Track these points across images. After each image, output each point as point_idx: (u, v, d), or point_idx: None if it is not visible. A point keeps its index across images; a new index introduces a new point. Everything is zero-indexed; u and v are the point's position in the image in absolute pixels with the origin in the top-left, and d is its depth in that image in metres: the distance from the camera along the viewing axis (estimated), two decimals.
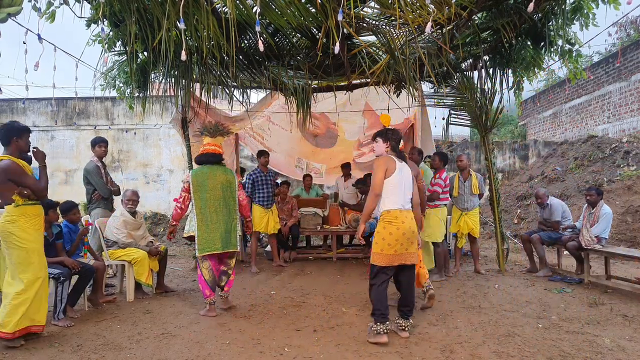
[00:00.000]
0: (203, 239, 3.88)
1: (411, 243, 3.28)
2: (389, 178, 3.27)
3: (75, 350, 3.10)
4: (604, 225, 4.96)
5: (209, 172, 3.96)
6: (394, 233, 3.21)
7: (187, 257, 7.36)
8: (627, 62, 10.81)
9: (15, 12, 2.83)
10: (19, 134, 3.26)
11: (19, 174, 3.16)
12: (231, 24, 3.21)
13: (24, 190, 3.17)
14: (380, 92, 6.28)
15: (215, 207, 3.93)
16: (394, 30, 4.21)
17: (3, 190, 3.16)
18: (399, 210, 3.26)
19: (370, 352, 3.02)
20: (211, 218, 3.91)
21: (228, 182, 4.01)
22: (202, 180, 3.93)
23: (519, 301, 4.31)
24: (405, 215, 3.28)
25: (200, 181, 3.93)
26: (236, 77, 5.26)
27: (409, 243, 3.26)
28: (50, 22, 3.49)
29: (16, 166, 3.17)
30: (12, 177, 3.14)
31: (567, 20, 4.24)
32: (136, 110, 5.67)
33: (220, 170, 4.01)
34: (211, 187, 3.93)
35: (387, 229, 3.23)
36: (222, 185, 3.97)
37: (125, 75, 5.21)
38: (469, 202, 5.58)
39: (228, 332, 3.47)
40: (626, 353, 2.99)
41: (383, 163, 3.30)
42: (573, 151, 10.96)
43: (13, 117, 11.11)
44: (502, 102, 5.70)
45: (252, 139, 8.03)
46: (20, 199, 3.18)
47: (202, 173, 3.95)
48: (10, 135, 3.24)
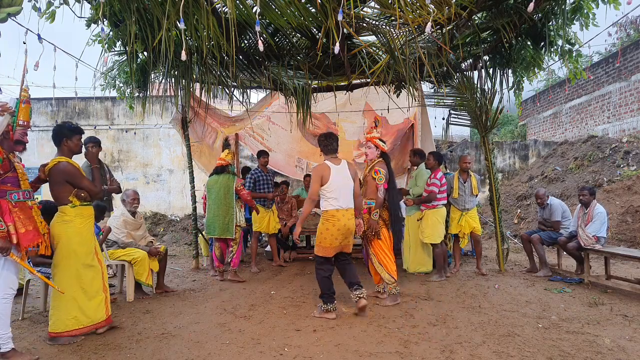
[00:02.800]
0: (208, 225, 5.36)
1: (346, 237, 3.80)
2: (326, 185, 3.74)
3: (75, 350, 3.10)
4: (598, 224, 4.96)
5: (216, 179, 5.35)
6: (330, 229, 3.72)
7: (187, 257, 7.36)
8: (627, 62, 10.81)
9: (15, 12, 2.83)
10: (69, 135, 3.31)
11: (75, 176, 3.24)
12: (231, 24, 3.20)
13: (81, 193, 3.27)
14: (380, 92, 6.28)
15: (218, 204, 5.26)
16: (394, 30, 4.21)
17: (60, 192, 3.24)
18: (336, 210, 3.75)
19: (370, 352, 3.02)
20: (214, 212, 5.27)
21: (227, 186, 5.27)
22: (212, 185, 5.36)
23: (519, 301, 4.31)
24: (343, 214, 3.75)
25: (211, 185, 5.37)
26: (236, 77, 5.27)
27: (343, 237, 3.78)
28: (50, 22, 3.49)
29: (73, 168, 3.24)
30: (69, 179, 3.22)
31: (567, 20, 4.23)
32: (136, 110, 5.68)
33: (224, 177, 5.30)
34: (216, 190, 5.29)
35: (325, 225, 3.75)
36: (223, 189, 5.26)
37: (125, 75, 5.22)
38: (470, 202, 5.57)
39: (228, 332, 3.47)
40: (626, 353, 2.99)
41: (317, 173, 3.77)
42: (573, 151, 10.95)
43: None
44: (502, 102, 5.69)
45: (252, 139, 8.04)
46: (77, 201, 3.27)
47: (212, 179, 5.40)
48: (60, 137, 3.30)
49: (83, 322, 3.28)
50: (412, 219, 5.55)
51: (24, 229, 2.85)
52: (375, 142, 4.29)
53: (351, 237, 3.87)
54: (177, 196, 10.86)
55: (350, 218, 3.79)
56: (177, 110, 6.03)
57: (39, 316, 3.94)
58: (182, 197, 10.75)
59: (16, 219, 2.82)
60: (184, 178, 9.81)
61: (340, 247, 3.81)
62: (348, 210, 3.79)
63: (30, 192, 3.03)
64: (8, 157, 2.90)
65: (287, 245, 6.75)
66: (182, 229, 9.96)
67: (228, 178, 5.26)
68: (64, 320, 3.21)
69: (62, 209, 3.27)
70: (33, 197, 3.05)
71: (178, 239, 9.46)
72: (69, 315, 3.23)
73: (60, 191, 3.24)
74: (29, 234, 2.87)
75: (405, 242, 5.77)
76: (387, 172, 4.17)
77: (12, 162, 2.93)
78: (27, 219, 2.89)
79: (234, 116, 7.06)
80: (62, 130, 3.31)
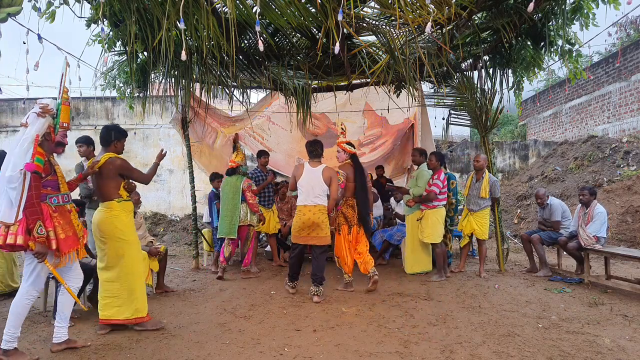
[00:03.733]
0: (219, 225, 5.54)
1: (312, 230, 4.34)
2: (297, 182, 4.44)
3: (75, 350, 3.09)
4: (598, 224, 4.96)
5: (227, 180, 5.55)
6: (297, 221, 4.41)
7: (187, 257, 7.36)
8: (627, 62, 10.81)
9: (15, 12, 2.83)
10: (119, 137, 3.48)
11: (128, 169, 3.45)
12: (231, 24, 3.20)
13: (132, 183, 3.52)
14: (380, 92, 6.28)
15: (226, 205, 5.45)
16: (394, 30, 4.21)
17: (110, 187, 3.36)
18: (303, 205, 4.39)
19: (370, 352, 3.02)
20: (224, 212, 5.47)
21: (236, 187, 5.45)
22: (224, 186, 5.58)
23: (519, 301, 4.31)
24: (309, 209, 4.35)
25: (223, 187, 5.61)
26: (236, 77, 5.27)
27: (309, 230, 4.35)
28: (50, 22, 3.49)
29: (126, 162, 3.45)
30: (122, 171, 3.40)
31: (567, 20, 4.23)
32: (136, 110, 5.68)
33: (233, 179, 5.48)
34: (226, 191, 5.48)
35: (295, 217, 4.46)
36: (232, 190, 5.45)
37: (125, 75, 5.21)
38: (475, 203, 5.52)
39: (228, 332, 3.47)
40: (626, 353, 2.99)
41: (294, 171, 4.56)
42: (573, 151, 10.96)
43: (13, 117, 11.12)
44: (502, 102, 5.69)
45: (252, 139, 8.03)
46: (124, 193, 3.44)
47: (224, 182, 5.62)
48: (113, 138, 3.42)
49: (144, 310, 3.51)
50: (412, 219, 5.55)
51: (64, 234, 2.86)
52: (342, 147, 4.72)
53: (320, 231, 4.35)
54: (177, 196, 10.86)
55: (315, 213, 4.33)
56: (177, 110, 6.03)
57: (39, 316, 3.93)
58: (182, 197, 10.75)
59: (56, 224, 2.83)
60: (184, 178, 9.81)
61: (308, 237, 4.39)
62: (314, 206, 4.35)
63: (69, 195, 3.06)
64: (49, 160, 2.91)
65: (287, 245, 6.74)
66: (182, 229, 9.96)
67: (237, 179, 5.44)
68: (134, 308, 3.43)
69: (108, 204, 3.38)
70: (71, 200, 3.08)
71: (178, 239, 9.46)
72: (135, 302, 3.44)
73: (111, 186, 3.37)
74: (68, 239, 2.88)
75: (405, 242, 5.79)
76: (350, 173, 4.64)
77: (52, 164, 2.95)
78: (66, 224, 2.91)
79: (234, 116, 7.06)
80: (117, 132, 3.47)
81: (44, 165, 2.79)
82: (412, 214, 5.56)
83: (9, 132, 11.09)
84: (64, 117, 2.94)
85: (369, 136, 8.11)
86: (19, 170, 2.63)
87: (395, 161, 8.69)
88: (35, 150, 2.71)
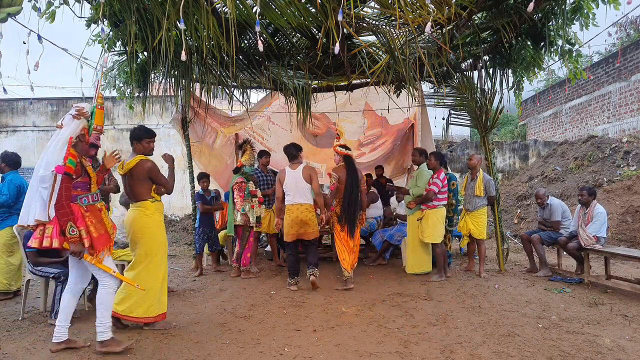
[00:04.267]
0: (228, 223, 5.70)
1: (301, 226, 4.70)
2: (283, 185, 4.77)
3: (75, 350, 3.09)
4: (598, 224, 4.95)
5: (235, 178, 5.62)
6: (287, 219, 4.74)
7: (187, 257, 7.36)
8: (627, 62, 10.81)
9: (15, 12, 2.83)
10: (150, 138, 3.54)
11: (156, 173, 3.50)
12: (231, 24, 3.20)
13: (161, 188, 3.58)
14: (380, 92, 6.28)
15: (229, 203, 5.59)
16: (394, 30, 4.21)
17: (141, 188, 3.45)
18: (290, 204, 4.74)
19: (370, 352, 3.02)
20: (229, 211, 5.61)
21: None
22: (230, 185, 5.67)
23: (519, 301, 4.31)
24: (297, 208, 4.70)
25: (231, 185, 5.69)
26: (236, 77, 5.26)
27: (299, 226, 4.70)
28: (50, 22, 3.49)
29: (155, 166, 3.50)
30: (151, 175, 3.46)
31: (567, 20, 4.23)
32: (136, 110, 5.67)
33: (237, 177, 5.57)
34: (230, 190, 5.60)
35: (285, 216, 4.78)
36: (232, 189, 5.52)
37: (125, 75, 5.21)
38: (470, 203, 5.56)
39: (228, 332, 3.47)
40: (626, 353, 2.99)
41: (278, 176, 4.90)
42: (573, 151, 10.96)
43: (13, 117, 11.12)
44: (502, 102, 5.69)
45: (252, 139, 8.03)
46: (158, 195, 3.55)
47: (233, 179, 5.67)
48: (143, 137, 3.48)
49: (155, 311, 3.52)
50: (412, 219, 5.55)
51: (97, 233, 2.90)
52: (337, 150, 4.98)
53: (308, 227, 4.72)
54: (177, 196, 10.85)
55: (303, 211, 4.69)
56: (177, 110, 6.02)
57: (39, 316, 3.94)
58: (182, 197, 10.75)
59: (89, 224, 2.87)
60: (184, 178, 9.77)
61: (298, 234, 4.74)
62: (302, 205, 4.70)
63: (99, 194, 3.10)
64: (81, 161, 2.94)
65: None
66: (182, 229, 9.97)
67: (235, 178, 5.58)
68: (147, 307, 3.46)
69: (142, 204, 3.47)
70: (100, 199, 3.12)
71: (178, 239, 9.47)
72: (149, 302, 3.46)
73: (143, 187, 3.45)
74: (101, 237, 2.93)
75: (405, 241, 5.79)
76: (342, 175, 4.86)
77: (84, 166, 2.98)
78: (98, 222, 2.96)
79: (234, 116, 7.06)
80: (147, 133, 3.52)
81: (75, 166, 2.83)
82: (413, 214, 5.56)
83: (9, 132, 11.10)
84: (98, 120, 3.03)
85: (369, 136, 8.11)
86: (50, 170, 2.70)
87: (395, 161, 8.69)
88: (69, 151, 2.77)
